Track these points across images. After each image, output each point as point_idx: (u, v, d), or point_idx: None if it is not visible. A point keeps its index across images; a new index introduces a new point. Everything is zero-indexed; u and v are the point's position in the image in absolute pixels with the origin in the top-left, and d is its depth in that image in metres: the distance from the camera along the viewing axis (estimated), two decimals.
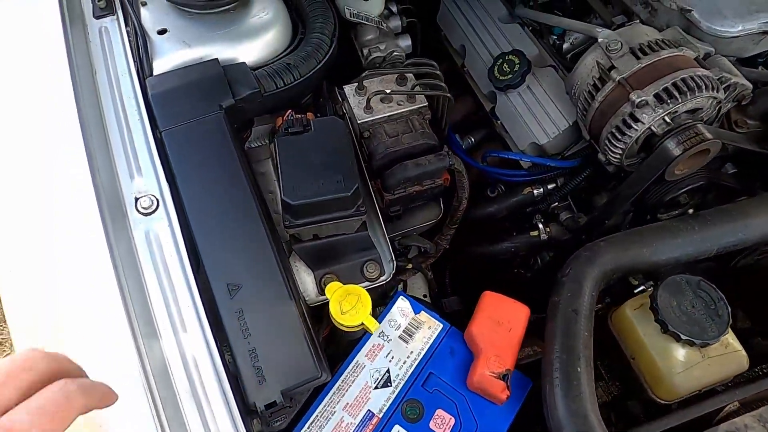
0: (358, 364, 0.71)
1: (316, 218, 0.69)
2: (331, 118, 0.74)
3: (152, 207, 0.64)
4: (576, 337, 0.64)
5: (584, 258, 0.72)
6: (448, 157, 0.77)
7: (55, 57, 0.69)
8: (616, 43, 0.74)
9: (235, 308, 0.61)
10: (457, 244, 0.98)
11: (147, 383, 0.55)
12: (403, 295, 0.77)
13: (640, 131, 0.72)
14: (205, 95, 0.70)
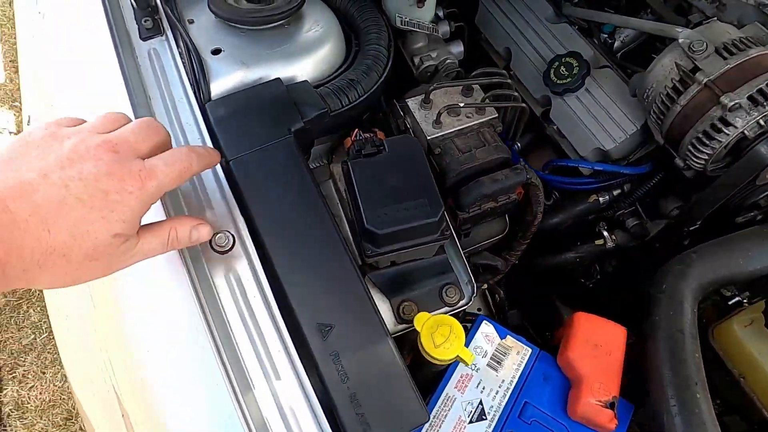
0: (449, 396, 0.67)
1: (399, 245, 0.64)
2: (404, 137, 0.70)
3: (228, 244, 0.59)
4: (687, 359, 0.61)
5: (678, 272, 0.69)
6: (525, 170, 0.73)
7: (113, 86, 0.63)
8: (701, 44, 0.70)
9: (330, 351, 0.56)
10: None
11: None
12: (486, 319, 0.73)
13: (732, 135, 0.68)
14: (273, 118, 0.65)
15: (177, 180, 0.49)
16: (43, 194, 0.42)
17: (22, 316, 1.64)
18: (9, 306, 1.65)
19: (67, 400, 1.51)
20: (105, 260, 0.46)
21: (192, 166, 0.51)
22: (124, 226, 0.45)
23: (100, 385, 0.64)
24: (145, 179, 0.46)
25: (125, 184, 0.45)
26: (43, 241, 0.41)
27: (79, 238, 0.43)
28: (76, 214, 0.43)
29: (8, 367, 1.56)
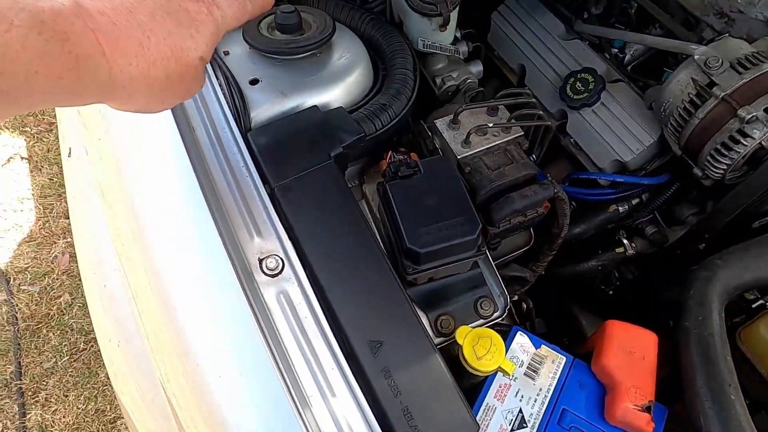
0: (489, 406, 0.70)
1: (438, 262, 0.67)
2: (439, 158, 0.73)
3: (278, 268, 0.62)
4: (719, 362, 0.63)
5: (705, 278, 0.71)
6: (552, 186, 0.76)
7: (159, 115, 0.66)
8: (716, 60, 0.74)
9: (381, 367, 0.59)
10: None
11: None
12: (521, 330, 0.75)
13: (750, 146, 0.72)
14: (313, 145, 0.68)
15: (238, 14, 0.50)
16: (132, 2, 0.41)
17: (42, 340, 1.66)
18: (29, 330, 1.67)
19: (90, 422, 1.52)
20: (189, 84, 0.47)
21: (248, 5, 0.51)
22: (206, 50, 0.46)
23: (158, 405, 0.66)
24: (212, 7, 0.46)
25: (200, 6, 0.45)
26: (144, 48, 0.41)
27: (176, 53, 0.43)
28: (169, 27, 0.43)
29: (31, 391, 1.57)
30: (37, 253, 1.83)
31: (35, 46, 0.35)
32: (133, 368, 0.68)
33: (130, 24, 0.41)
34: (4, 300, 1.72)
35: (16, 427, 1.51)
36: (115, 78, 0.40)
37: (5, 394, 1.56)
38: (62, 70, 0.37)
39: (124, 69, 0.40)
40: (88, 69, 0.38)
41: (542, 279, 1.02)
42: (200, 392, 0.56)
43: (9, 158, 2.08)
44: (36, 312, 1.70)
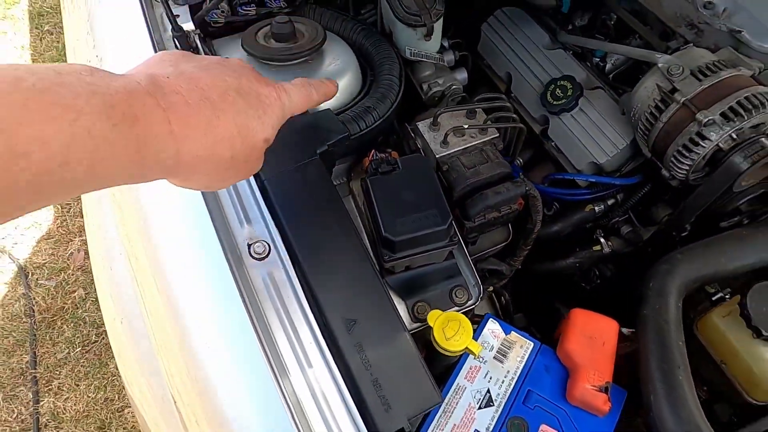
0: (459, 386, 0.75)
1: (413, 251, 0.73)
2: (416, 156, 0.79)
3: (265, 252, 0.68)
4: (671, 346, 0.68)
5: (664, 271, 0.76)
6: (524, 183, 0.81)
7: None
8: (678, 68, 0.79)
9: (355, 342, 0.65)
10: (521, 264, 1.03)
11: (291, 419, 0.59)
12: (492, 317, 0.81)
13: (708, 148, 0.77)
14: (301, 143, 0.75)
15: (303, 102, 0.52)
16: (207, 82, 0.42)
17: (56, 332, 1.74)
18: (45, 322, 1.75)
19: (100, 410, 1.59)
20: (251, 164, 0.48)
21: (313, 94, 0.54)
22: (271, 132, 0.47)
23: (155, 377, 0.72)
24: (281, 91, 0.49)
25: (269, 90, 0.47)
26: (212, 127, 0.41)
27: (243, 132, 0.43)
28: (238, 107, 0.43)
29: (44, 380, 1.65)
30: (54, 250, 1.93)
31: (102, 133, 0.34)
32: (132, 342, 0.75)
33: (202, 103, 0.41)
34: (23, 293, 1.81)
35: (30, 413, 1.59)
36: (180, 157, 0.40)
37: (21, 382, 1.65)
38: (128, 154, 0.36)
39: (190, 149, 0.40)
40: (154, 149, 0.38)
41: (524, 276, 1.08)
42: (190, 358, 0.62)
43: None
44: (52, 305, 1.79)
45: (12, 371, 1.67)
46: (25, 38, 2.58)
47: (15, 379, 1.66)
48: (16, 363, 1.68)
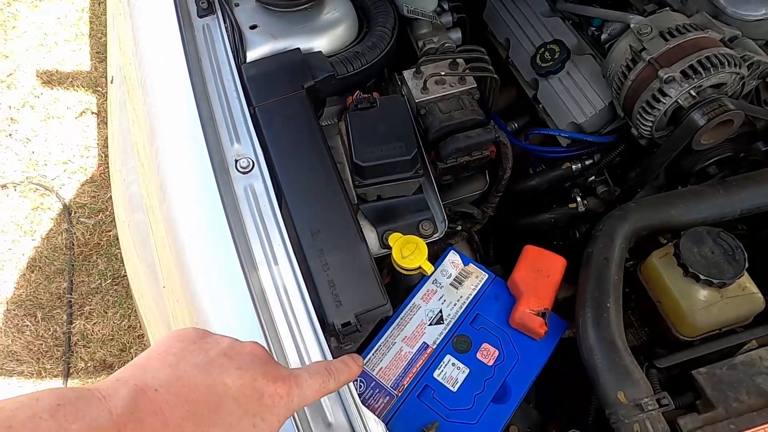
0: (415, 305, 0.83)
1: (380, 179, 0.82)
2: (394, 96, 0.87)
3: (249, 167, 0.79)
4: (606, 279, 0.74)
5: (616, 216, 0.82)
6: (494, 130, 0.88)
7: (175, 53, 0.85)
8: (647, 27, 0.83)
9: (317, 248, 0.74)
10: (502, 217, 1.09)
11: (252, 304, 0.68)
12: (454, 249, 0.88)
13: (668, 104, 0.81)
14: (290, 78, 0.84)
15: (316, 394, 0.49)
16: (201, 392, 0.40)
17: (91, 265, 1.93)
18: (82, 255, 1.94)
19: (123, 335, 1.76)
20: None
21: (329, 384, 0.51)
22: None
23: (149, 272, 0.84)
24: (292, 386, 0.45)
25: (277, 387, 0.44)
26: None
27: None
28: (231, 419, 0.41)
29: (78, 305, 1.84)
30: (96, 193, 2.11)
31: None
32: (136, 237, 0.87)
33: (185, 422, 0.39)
34: (65, 229, 2.01)
35: (64, 332, 1.78)
36: None
37: (58, 305, 1.84)
38: None
39: None
40: None
41: (506, 230, 1.14)
42: (177, 250, 0.73)
43: (82, 112, 2.39)
44: (89, 241, 1.97)
45: (51, 295, 1.86)
46: (85, 2, 2.79)
47: (53, 302, 1.85)
48: (55, 288, 1.88)
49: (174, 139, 0.81)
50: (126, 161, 0.91)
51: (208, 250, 0.73)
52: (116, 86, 1.02)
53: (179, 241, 0.73)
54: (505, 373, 0.77)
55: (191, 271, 0.72)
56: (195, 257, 0.73)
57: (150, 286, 0.84)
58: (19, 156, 2.23)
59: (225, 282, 0.71)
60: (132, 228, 0.88)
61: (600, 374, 0.67)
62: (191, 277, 0.72)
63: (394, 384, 0.76)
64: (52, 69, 2.54)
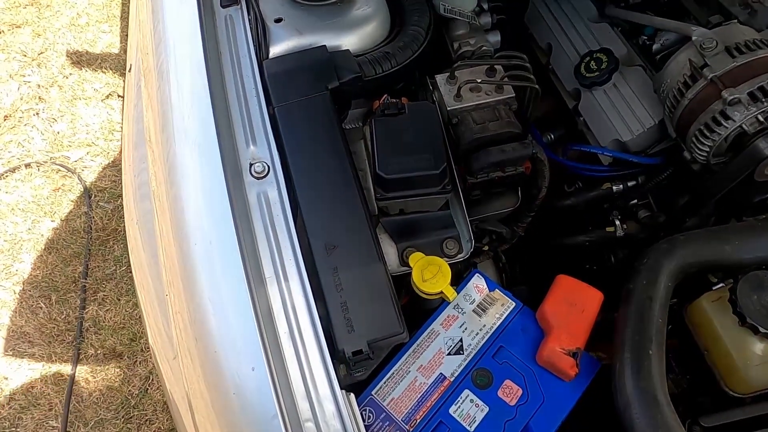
0: (434, 331, 0.77)
1: (404, 193, 0.75)
2: (424, 103, 0.80)
3: (264, 172, 0.73)
4: (649, 321, 0.66)
5: (663, 249, 0.74)
6: (531, 145, 0.81)
7: (193, 40, 0.79)
8: (711, 41, 0.75)
9: (331, 265, 0.68)
10: (532, 235, 1.02)
11: (258, 327, 0.63)
12: (479, 272, 0.81)
13: (730, 129, 0.73)
14: (314, 77, 0.78)
15: None
16: None
17: (108, 250, 1.91)
18: (99, 240, 1.93)
19: (134, 324, 1.74)
20: None
21: None
22: None
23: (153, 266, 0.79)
24: None
25: None
26: None
27: None
28: None
29: (92, 290, 1.83)
30: (116, 177, 2.09)
31: None
32: (142, 227, 0.82)
33: None
34: (85, 212, 1.99)
35: (76, 317, 1.77)
36: None
37: (72, 289, 1.83)
38: None
39: None
40: None
41: (538, 252, 1.07)
42: (179, 255, 0.68)
43: (108, 95, 2.38)
44: (107, 225, 1.96)
45: (66, 278, 1.85)
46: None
47: (68, 285, 1.84)
48: (71, 272, 1.87)
49: (186, 138, 0.76)
50: (137, 148, 0.87)
51: (214, 261, 0.68)
52: (134, 74, 0.97)
53: (184, 250, 0.68)
54: (528, 416, 0.70)
55: (196, 282, 0.67)
56: (200, 268, 0.67)
57: (153, 282, 0.79)
58: (44, 136, 2.23)
59: (229, 297, 0.66)
60: (139, 218, 0.83)
61: (637, 430, 0.59)
62: (195, 288, 0.67)
63: (405, 418, 0.70)
64: (82, 50, 2.53)
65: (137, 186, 0.85)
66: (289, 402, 0.62)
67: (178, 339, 0.71)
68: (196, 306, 0.66)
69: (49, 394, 1.65)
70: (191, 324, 0.65)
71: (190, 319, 0.66)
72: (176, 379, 0.74)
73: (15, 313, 1.81)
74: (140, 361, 1.69)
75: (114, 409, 1.62)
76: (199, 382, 0.65)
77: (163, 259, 0.74)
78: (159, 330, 0.83)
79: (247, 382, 0.60)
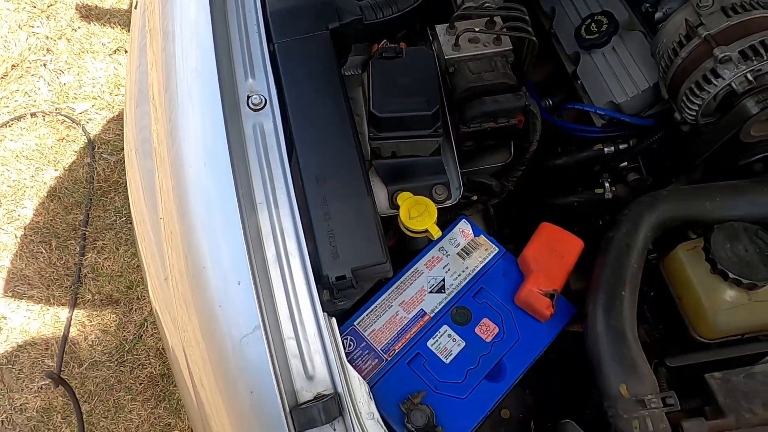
0: (417, 270, 0.79)
1: (397, 133, 0.77)
2: (421, 48, 0.82)
3: (261, 104, 0.75)
4: (625, 266, 0.69)
5: (645, 202, 0.76)
6: (524, 97, 0.82)
7: None
8: (708, 1, 0.76)
9: (321, 195, 0.71)
10: (524, 194, 1.03)
11: (246, 247, 0.65)
12: (466, 218, 0.84)
13: (719, 87, 0.74)
14: (315, 16, 0.80)
15: None
16: None
17: (109, 201, 1.94)
18: (101, 191, 1.96)
19: (131, 273, 1.78)
20: None
21: None
22: None
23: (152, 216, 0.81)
24: None
25: None
26: None
27: None
28: None
29: (92, 238, 1.86)
30: (120, 131, 2.11)
31: None
32: (145, 183, 0.84)
33: None
34: (88, 163, 2.02)
35: (75, 263, 1.80)
36: None
37: (72, 236, 1.86)
38: None
39: None
40: None
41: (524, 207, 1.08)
42: (176, 177, 0.70)
43: (116, 50, 2.39)
44: (109, 177, 1.98)
45: (67, 225, 1.88)
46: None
47: (68, 232, 1.87)
48: (72, 220, 1.90)
49: (188, 68, 0.77)
50: (140, 104, 0.88)
51: (208, 185, 0.70)
52: (140, 10, 0.98)
53: (178, 172, 0.70)
54: (502, 352, 0.72)
55: (189, 202, 0.69)
56: (194, 190, 0.70)
57: (151, 224, 0.81)
58: (51, 87, 2.24)
59: (221, 219, 0.68)
60: (140, 173, 0.85)
61: (604, 364, 0.62)
62: (188, 208, 0.69)
63: (385, 348, 0.73)
64: (91, 4, 2.53)
65: (140, 141, 0.87)
66: (272, 319, 0.64)
67: (170, 259, 0.73)
68: (187, 225, 0.69)
69: (45, 334, 1.69)
70: (182, 241, 0.68)
71: (181, 237, 0.68)
72: (167, 303, 0.77)
73: (16, 257, 1.84)
74: (136, 309, 1.73)
75: (108, 353, 1.66)
76: (187, 299, 0.67)
77: (159, 188, 0.76)
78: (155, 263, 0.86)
79: (232, 295, 0.63)
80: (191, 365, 0.70)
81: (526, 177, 0.98)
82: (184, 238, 0.68)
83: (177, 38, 0.80)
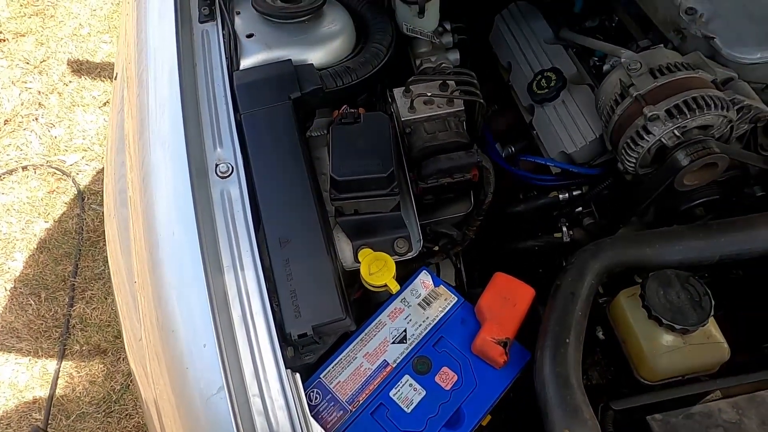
0: (381, 322, 0.84)
1: (356, 194, 0.82)
2: (377, 114, 0.88)
3: (228, 172, 0.80)
4: (570, 314, 0.73)
5: (589, 251, 0.81)
6: (476, 154, 0.88)
7: (170, 52, 0.87)
8: (636, 63, 0.83)
9: (284, 257, 0.75)
10: (489, 240, 1.09)
11: (210, 307, 0.70)
12: (426, 269, 0.88)
13: (651, 142, 0.80)
14: (278, 88, 0.86)
15: None
16: None
17: (98, 251, 1.98)
18: (90, 241, 2.00)
19: (119, 322, 1.81)
20: None
21: None
22: None
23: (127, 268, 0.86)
24: None
25: None
26: None
27: None
28: None
29: (81, 288, 1.89)
30: None
31: None
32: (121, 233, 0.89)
33: None
34: (77, 214, 2.07)
35: (64, 314, 1.83)
36: None
37: (61, 287, 1.90)
38: None
39: None
40: None
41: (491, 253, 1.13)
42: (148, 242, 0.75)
43: (106, 102, 2.47)
44: (98, 227, 2.03)
45: (56, 277, 1.92)
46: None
47: (58, 283, 1.91)
48: (61, 271, 1.94)
49: (157, 139, 0.83)
50: (119, 155, 0.94)
51: (178, 249, 0.75)
52: (119, 83, 1.05)
53: (151, 239, 0.75)
54: (461, 399, 0.76)
55: (160, 268, 0.74)
56: (164, 255, 0.74)
57: (127, 282, 0.86)
58: (42, 140, 2.31)
59: (190, 282, 0.73)
60: (117, 223, 0.91)
61: (550, 409, 0.66)
62: (159, 273, 0.74)
63: (349, 399, 0.77)
64: (82, 59, 2.63)
65: (117, 191, 0.93)
66: (237, 378, 0.68)
67: (143, 322, 0.77)
68: (159, 289, 0.73)
69: (33, 387, 1.71)
70: (152, 305, 0.72)
71: (152, 300, 0.73)
72: (140, 357, 0.81)
73: (5, 309, 1.87)
74: (123, 358, 1.75)
75: (96, 404, 1.67)
76: (158, 355, 0.71)
77: (134, 250, 0.81)
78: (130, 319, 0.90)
79: (198, 358, 0.67)
80: (164, 419, 0.73)
81: (489, 224, 1.03)
82: (155, 301, 0.72)
83: (150, 110, 0.87)
